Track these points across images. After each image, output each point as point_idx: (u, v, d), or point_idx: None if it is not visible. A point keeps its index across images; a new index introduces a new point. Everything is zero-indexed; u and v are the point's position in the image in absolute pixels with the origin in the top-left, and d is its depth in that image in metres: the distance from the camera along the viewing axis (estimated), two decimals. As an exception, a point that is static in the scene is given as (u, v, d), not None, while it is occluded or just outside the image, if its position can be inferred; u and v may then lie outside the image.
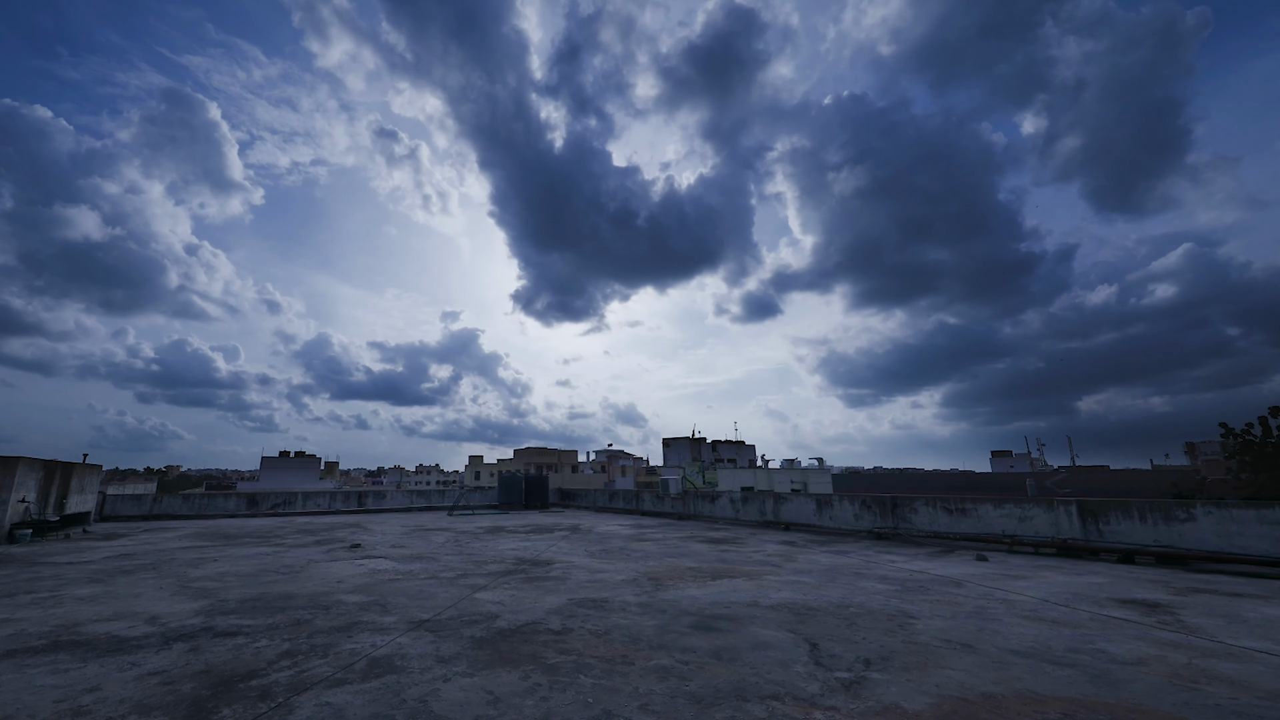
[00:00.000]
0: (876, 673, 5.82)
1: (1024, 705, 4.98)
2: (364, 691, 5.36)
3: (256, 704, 5.08)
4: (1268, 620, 7.92)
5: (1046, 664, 6.08)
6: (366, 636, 7.27)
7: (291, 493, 33.22)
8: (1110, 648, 6.65)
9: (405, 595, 9.86)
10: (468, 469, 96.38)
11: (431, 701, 5.12)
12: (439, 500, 38.98)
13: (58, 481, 21.01)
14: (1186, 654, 6.42)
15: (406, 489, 40.86)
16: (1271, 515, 12.02)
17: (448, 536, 19.85)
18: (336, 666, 6.08)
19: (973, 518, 16.94)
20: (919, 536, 17.76)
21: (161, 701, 5.15)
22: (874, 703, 5.05)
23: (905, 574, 11.80)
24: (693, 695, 5.23)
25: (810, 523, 21.84)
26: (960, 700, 5.09)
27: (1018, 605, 8.89)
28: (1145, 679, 5.60)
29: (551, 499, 41.40)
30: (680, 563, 13.48)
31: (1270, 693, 5.23)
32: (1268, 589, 10.09)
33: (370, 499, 35.59)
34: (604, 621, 8.03)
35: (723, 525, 24.15)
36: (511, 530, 22.40)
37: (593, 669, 6.00)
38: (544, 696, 5.22)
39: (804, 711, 4.88)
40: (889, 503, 19.29)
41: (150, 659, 6.39)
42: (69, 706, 5.07)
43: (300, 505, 32.58)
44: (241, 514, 30.50)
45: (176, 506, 29.81)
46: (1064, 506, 15.18)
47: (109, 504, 27.95)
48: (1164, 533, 13.43)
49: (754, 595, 9.77)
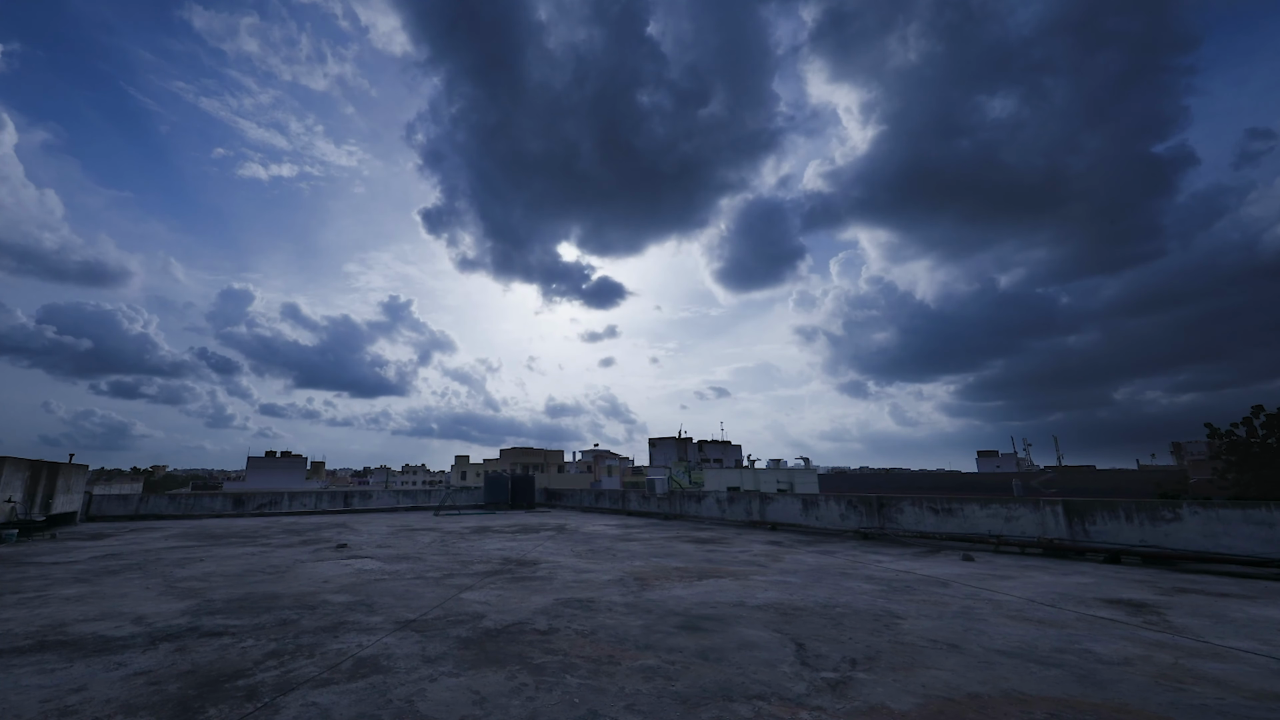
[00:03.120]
0: (863, 673, 5.83)
1: (1010, 705, 4.99)
2: (350, 692, 5.33)
3: (242, 704, 5.04)
4: (1254, 620, 7.98)
5: (1033, 664, 6.10)
6: (353, 636, 7.23)
7: (278, 493, 33.03)
8: (1096, 648, 6.69)
9: (391, 595, 9.81)
10: (454, 469, 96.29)
11: (418, 701, 5.09)
12: (425, 500, 38.87)
13: (44, 481, 20.91)
14: (1173, 654, 6.46)
15: (393, 489, 40.70)
16: (1257, 515, 12.13)
17: (434, 536, 19.78)
18: (323, 666, 6.04)
19: (959, 518, 17.02)
20: (905, 536, 17.81)
21: (148, 701, 5.11)
22: (860, 703, 5.06)
23: (891, 574, 11.84)
24: (679, 695, 5.23)
25: (796, 523, 21.89)
26: (947, 700, 5.10)
27: (1004, 605, 8.94)
28: (1131, 679, 5.63)
29: (538, 499, 41.29)
30: (666, 563, 13.48)
31: (1256, 693, 5.27)
32: (1254, 589, 10.18)
33: (356, 499, 35.45)
34: (590, 622, 8.01)
35: (709, 525, 24.18)
36: (498, 530, 22.35)
37: (579, 669, 5.98)
38: (530, 696, 5.20)
39: (790, 712, 4.89)
40: (875, 503, 19.36)
41: (136, 659, 6.35)
42: (55, 706, 5.03)
43: (286, 505, 32.40)
44: (228, 514, 30.28)
45: (163, 506, 29.61)
46: (1050, 507, 15.28)
47: (95, 504, 27.70)
48: (1150, 533, 13.53)
49: (740, 595, 9.78)
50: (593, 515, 31.32)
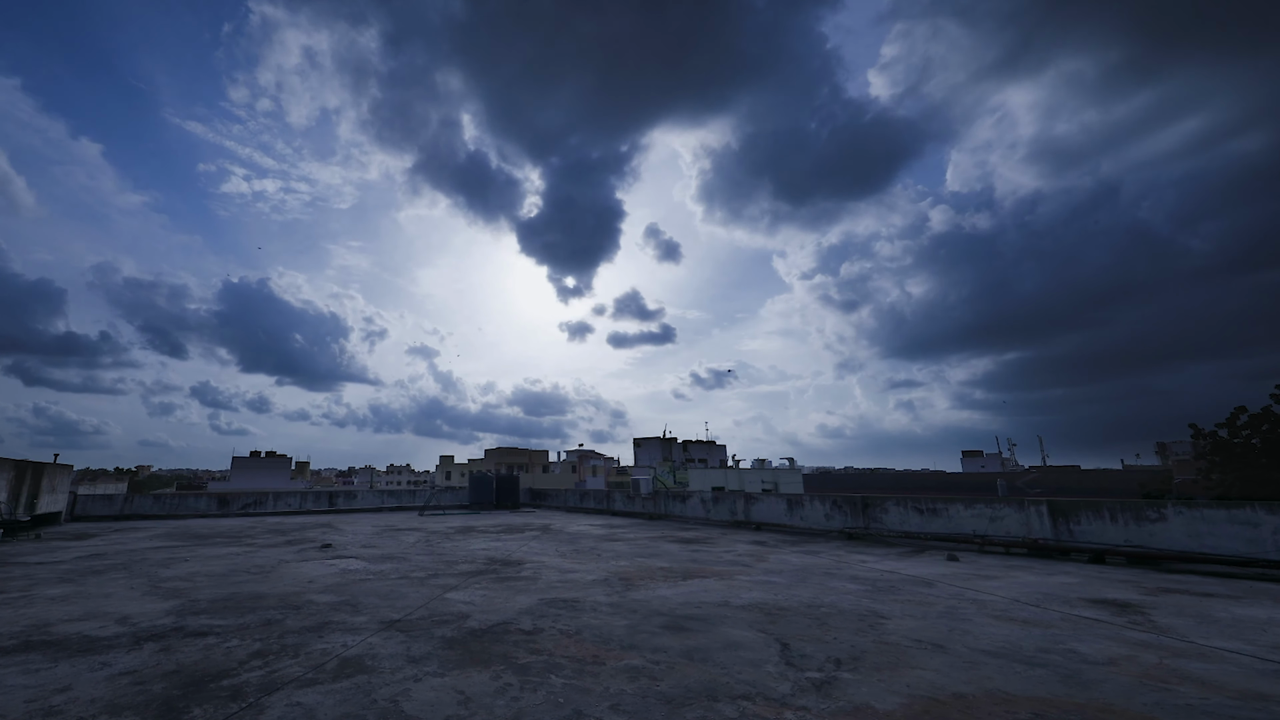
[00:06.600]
0: (847, 673, 5.85)
1: (995, 705, 5.01)
2: (335, 691, 5.30)
3: (227, 704, 5.01)
4: (1238, 620, 8.04)
5: (1017, 664, 6.13)
6: (337, 636, 7.19)
7: (263, 493, 32.83)
8: (1081, 648, 6.72)
9: (376, 595, 9.76)
10: (438, 469, 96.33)
11: (402, 701, 5.06)
12: (410, 500, 38.76)
13: (28, 481, 20.79)
14: (1157, 654, 6.50)
15: (378, 489, 40.68)
16: (1241, 515, 12.20)
17: (419, 536, 19.71)
18: (307, 666, 6.00)
19: (944, 518, 17.09)
20: (890, 536, 17.87)
21: (133, 701, 5.07)
22: (845, 703, 5.07)
23: (876, 574, 11.88)
24: (664, 695, 5.22)
25: (781, 523, 21.92)
26: (931, 700, 5.12)
27: (989, 605, 8.98)
28: (1116, 679, 5.66)
29: (522, 499, 41.20)
30: (651, 563, 13.47)
31: (1241, 693, 5.30)
32: (1238, 589, 10.26)
33: (341, 499, 35.28)
34: (575, 621, 8.00)
35: (694, 525, 24.19)
36: (482, 530, 22.29)
37: (564, 669, 5.97)
38: (515, 696, 5.19)
39: (775, 711, 4.89)
40: (860, 503, 19.40)
41: (121, 659, 6.30)
42: (40, 707, 4.98)
43: (271, 505, 32.21)
44: (213, 514, 30.06)
45: (147, 506, 29.40)
46: (1035, 507, 15.36)
47: (80, 504, 27.45)
48: (1135, 533, 13.63)
49: (725, 595, 9.79)
50: (578, 515, 31.30)
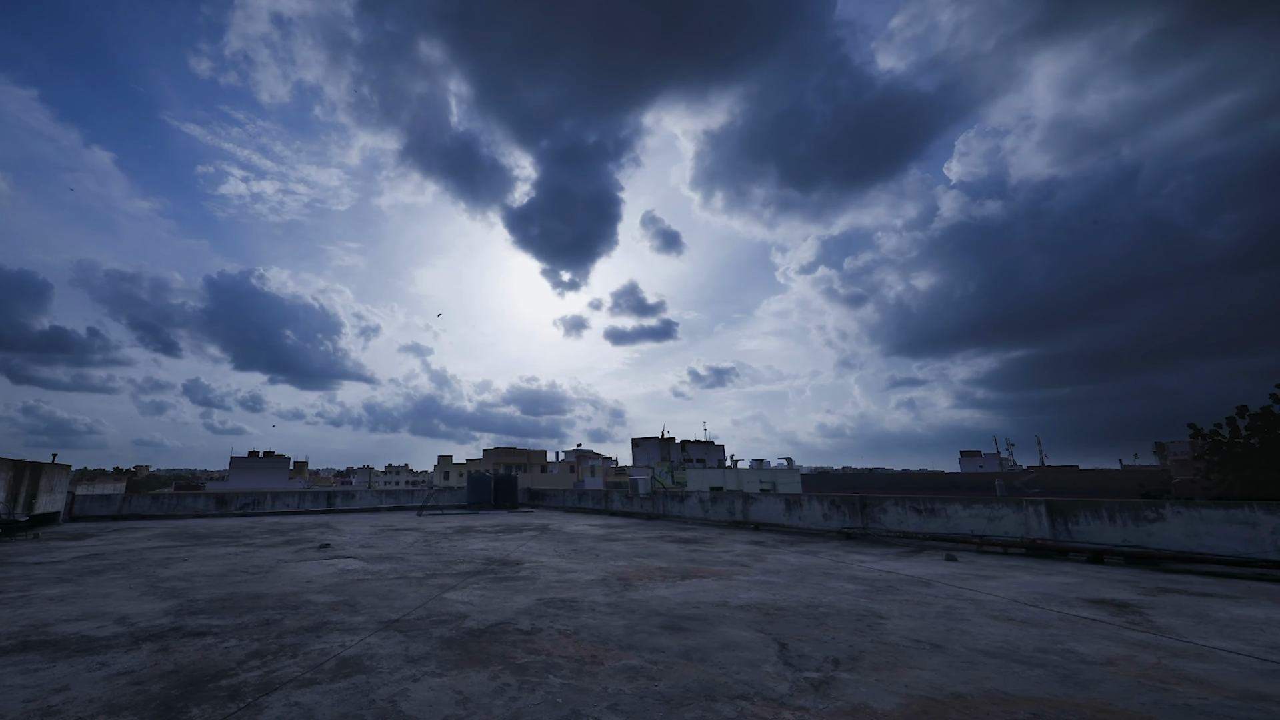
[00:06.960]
0: (846, 673, 5.85)
1: (993, 705, 5.02)
2: (333, 691, 5.29)
3: (225, 704, 5.00)
4: (1237, 620, 8.03)
5: (1015, 664, 6.13)
6: (335, 636, 7.18)
7: (261, 493, 32.79)
8: (1079, 648, 6.72)
9: (374, 595, 9.75)
10: (436, 469, 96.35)
11: (400, 701, 5.06)
12: (408, 500, 38.73)
13: (27, 481, 20.79)
14: (1155, 654, 6.50)
15: (376, 489, 40.57)
16: (1240, 515, 12.20)
17: (417, 536, 19.69)
18: (305, 666, 6.00)
19: (942, 518, 17.10)
20: (888, 536, 17.87)
21: (131, 701, 5.07)
22: (843, 703, 5.07)
23: (874, 574, 11.88)
24: (662, 695, 5.22)
25: (779, 523, 21.91)
26: (929, 700, 5.12)
27: (987, 605, 8.99)
28: (1114, 679, 5.66)
29: (520, 499, 41.16)
30: (649, 563, 13.47)
31: (1239, 693, 5.30)
32: (1237, 589, 10.26)
33: (339, 499, 35.23)
34: (573, 622, 7.99)
35: (692, 525, 24.17)
36: (480, 530, 22.27)
37: (562, 669, 5.97)
38: (513, 696, 5.18)
39: (773, 711, 4.89)
40: (858, 503, 19.40)
41: (119, 659, 6.30)
42: (38, 706, 4.98)
43: (269, 505, 32.19)
44: (211, 514, 30.03)
45: (146, 507, 29.39)
46: (1033, 507, 15.37)
47: (78, 504, 27.45)
48: (1133, 533, 13.63)
49: (723, 595, 9.78)
50: (576, 515, 31.28)
